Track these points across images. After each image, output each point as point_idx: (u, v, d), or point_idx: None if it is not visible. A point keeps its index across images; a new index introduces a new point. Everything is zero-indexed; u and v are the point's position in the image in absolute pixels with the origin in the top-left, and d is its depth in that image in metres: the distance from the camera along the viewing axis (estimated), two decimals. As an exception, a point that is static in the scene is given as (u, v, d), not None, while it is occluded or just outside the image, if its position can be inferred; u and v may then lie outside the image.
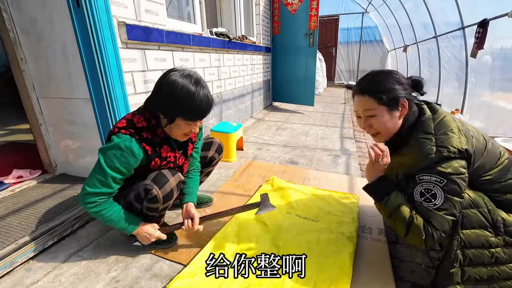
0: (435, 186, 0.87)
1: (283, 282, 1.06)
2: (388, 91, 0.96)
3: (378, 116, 0.98)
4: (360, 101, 1.01)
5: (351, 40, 8.59)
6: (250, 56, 3.95)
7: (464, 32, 3.17)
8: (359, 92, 1.02)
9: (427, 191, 0.88)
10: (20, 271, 1.14)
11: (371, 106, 0.98)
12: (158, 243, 1.27)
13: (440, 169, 0.86)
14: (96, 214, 1.04)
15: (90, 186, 1.02)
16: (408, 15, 5.29)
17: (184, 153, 1.26)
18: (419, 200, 0.90)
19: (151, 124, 1.09)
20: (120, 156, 1.01)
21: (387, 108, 0.97)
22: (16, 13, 1.61)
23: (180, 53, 2.23)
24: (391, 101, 0.96)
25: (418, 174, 0.90)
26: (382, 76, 0.99)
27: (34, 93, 1.77)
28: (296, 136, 3.21)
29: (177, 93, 1.00)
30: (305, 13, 4.21)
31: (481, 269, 0.89)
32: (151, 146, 1.08)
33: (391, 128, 1.00)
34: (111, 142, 1.02)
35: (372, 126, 1.01)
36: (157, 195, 1.10)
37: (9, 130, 3.25)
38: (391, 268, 1.14)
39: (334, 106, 5.23)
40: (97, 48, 1.44)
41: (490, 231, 0.88)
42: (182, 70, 1.05)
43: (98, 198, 1.03)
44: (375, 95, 0.97)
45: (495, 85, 2.91)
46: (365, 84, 1.01)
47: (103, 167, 1.00)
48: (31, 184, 1.79)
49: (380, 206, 1.02)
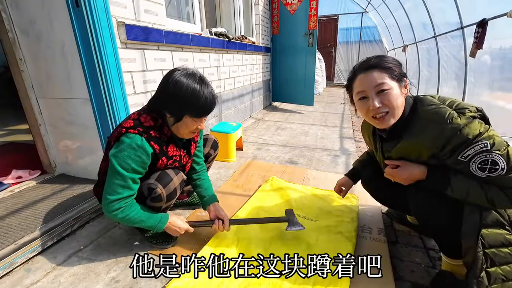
0: (487, 154, 0.79)
1: (282, 281, 1.06)
2: (397, 66, 0.95)
3: (390, 90, 0.92)
4: (370, 77, 0.93)
5: (350, 40, 8.60)
6: (250, 56, 3.95)
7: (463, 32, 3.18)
8: (368, 68, 0.95)
9: (484, 163, 0.80)
10: (19, 272, 1.14)
11: (384, 80, 0.92)
12: (157, 243, 1.27)
13: (474, 133, 0.80)
14: (124, 219, 1.05)
15: (111, 194, 1.01)
16: (407, 15, 5.29)
17: (188, 152, 1.27)
18: (484, 175, 0.81)
19: (158, 123, 1.10)
20: (134, 156, 1.01)
21: (398, 85, 0.94)
22: (15, 13, 1.61)
23: (179, 53, 2.23)
24: (401, 76, 0.94)
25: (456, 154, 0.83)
26: (387, 56, 0.98)
27: (33, 93, 1.77)
28: (296, 136, 3.21)
29: (183, 92, 1.02)
30: (304, 13, 4.21)
31: (505, 268, 0.85)
32: (158, 145, 1.09)
33: (401, 106, 0.94)
34: (121, 143, 1.02)
35: (383, 102, 0.93)
36: (161, 194, 1.11)
37: (8, 131, 3.24)
38: (391, 268, 1.14)
39: (334, 106, 5.23)
40: (96, 48, 1.44)
41: (507, 229, 0.84)
42: (185, 69, 1.06)
43: (123, 203, 1.03)
44: (387, 69, 0.93)
45: (494, 84, 2.92)
46: (376, 61, 0.95)
47: (119, 172, 1.00)
48: (30, 184, 1.79)
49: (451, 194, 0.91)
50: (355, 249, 1.25)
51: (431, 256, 1.23)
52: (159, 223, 1.13)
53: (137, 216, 1.07)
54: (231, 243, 1.28)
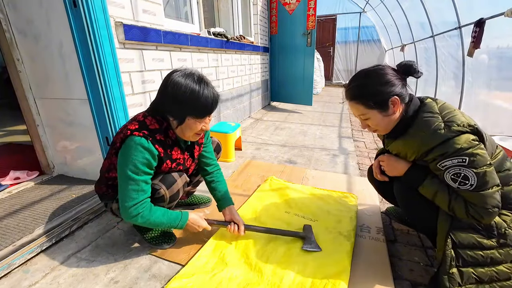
0: (461, 168, 0.84)
1: (281, 280, 1.06)
2: (374, 95, 0.96)
3: (371, 118, 1.01)
4: (352, 107, 1.04)
5: (348, 39, 8.60)
6: (248, 56, 3.95)
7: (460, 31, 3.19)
8: (348, 98, 1.04)
9: (456, 175, 0.85)
10: (18, 273, 1.14)
11: (362, 112, 1.01)
12: (157, 243, 1.27)
13: (455, 147, 0.84)
14: (146, 223, 1.06)
15: (127, 201, 1.01)
16: (405, 15, 5.30)
17: (191, 155, 1.27)
18: (455, 186, 0.87)
19: (163, 126, 1.09)
20: (142, 159, 1.02)
21: (378, 110, 0.98)
22: (12, 14, 1.60)
23: (178, 53, 2.22)
24: (379, 103, 0.97)
25: (436, 161, 0.89)
26: (367, 80, 0.99)
27: (31, 93, 1.76)
28: (295, 135, 3.22)
29: (182, 94, 1.00)
30: (303, 12, 4.22)
31: (479, 270, 0.88)
32: (163, 148, 1.09)
33: (387, 124, 1.01)
34: (128, 148, 1.02)
35: (369, 125, 1.05)
36: (164, 195, 1.12)
37: (6, 131, 3.23)
38: (390, 267, 1.14)
39: (332, 106, 5.24)
40: (94, 49, 1.44)
41: (482, 233, 0.88)
42: (184, 70, 1.05)
43: (141, 208, 1.03)
44: (363, 101, 0.99)
45: (491, 84, 2.93)
46: (352, 91, 1.02)
47: (131, 177, 1.01)
48: (28, 185, 1.78)
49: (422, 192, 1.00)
50: (354, 248, 1.25)
51: (430, 255, 1.24)
52: (180, 222, 1.14)
53: (158, 219, 1.08)
54: (230, 243, 1.27)
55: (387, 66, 1.01)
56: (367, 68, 1.03)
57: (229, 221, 1.30)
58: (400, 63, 1.01)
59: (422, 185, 0.97)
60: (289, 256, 1.20)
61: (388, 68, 0.99)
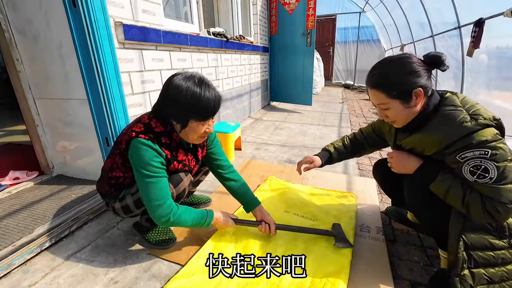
0: (482, 160, 0.81)
1: (281, 280, 1.06)
2: (398, 85, 0.92)
3: (391, 108, 0.96)
4: (372, 95, 0.99)
5: (348, 39, 8.60)
6: (248, 56, 3.95)
7: (460, 31, 3.19)
8: (370, 85, 0.99)
9: (476, 167, 0.82)
10: (17, 273, 1.14)
11: (383, 100, 0.96)
12: (156, 243, 1.27)
13: (480, 139, 0.81)
14: (176, 222, 1.06)
15: (156, 200, 1.02)
16: (405, 15, 5.31)
17: (195, 157, 1.27)
18: (472, 179, 0.84)
19: (168, 129, 1.09)
20: (156, 157, 1.03)
21: (400, 101, 0.93)
22: (12, 14, 1.60)
23: (177, 53, 2.22)
24: (402, 94, 0.92)
25: (456, 153, 0.85)
26: (392, 68, 0.94)
27: (30, 94, 1.76)
28: (294, 135, 3.22)
29: (183, 97, 1.00)
30: (302, 12, 4.22)
31: (490, 270, 0.87)
32: (169, 150, 1.09)
33: (407, 116, 0.97)
34: (138, 150, 1.02)
35: (388, 116, 0.99)
36: (172, 193, 1.12)
37: (5, 131, 3.23)
38: (390, 267, 1.14)
39: (332, 106, 5.24)
40: (94, 49, 1.44)
41: (494, 234, 0.87)
42: (184, 73, 1.05)
43: (171, 205, 1.04)
44: (385, 89, 0.94)
45: (491, 84, 2.93)
46: (374, 78, 0.97)
47: (151, 175, 1.02)
48: (28, 185, 1.78)
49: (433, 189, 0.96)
50: (354, 248, 1.25)
51: (429, 254, 1.24)
52: (207, 220, 1.16)
53: (187, 217, 1.10)
54: (229, 243, 1.28)
55: (413, 55, 0.96)
56: (391, 56, 0.98)
57: (260, 221, 1.31)
58: (428, 54, 0.94)
59: (434, 182, 0.93)
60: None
61: (414, 57, 0.94)
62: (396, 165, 1.07)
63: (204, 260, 1.16)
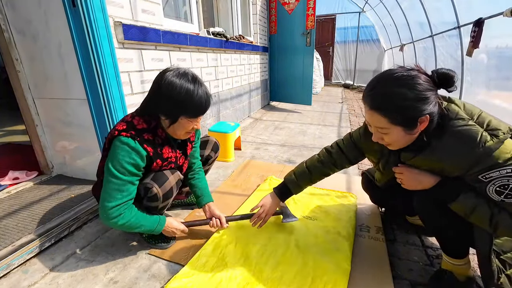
0: (510, 179, 0.74)
1: (281, 280, 1.06)
2: (404, 111, 0.79)
3: (390, 134, 0.85)
4: (371, 116, 0.86)
5: (348, 39, 8.60)
6: (248, 56, 3.95)
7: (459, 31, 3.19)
8: (369, 106, 0.85)
9: (503, 187, 0.75)
10: (17, 274, 1.13)
11: (382, 125, 0.84)
12: (156, 243, 1.27)
13: (505, 157, 0.74)
14: (124, 226, 1.04)
15: (110, 201, 1.00)
16: (404, 14, 5.31)
17: (183, 153, 1.26)
18: (498, 199, 0.78)
19: (152, 126, 1.09)
20: (129, 159, 1.01)
21: (403, 128, 0.82)
22: (11, 13, 1.60)
23: (177, 53, 2.22)
24: (407, 121, 0.80)
25: (479, 173, 0.78)
26: (398, 89, 0.79)
27: (30, 93, 1.75)
28: (294, 135, 3.22)
29: (177, 93, 1.00)
30: (302, 12, 4.22)
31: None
32: (152, 147, 1.08)
33: (406, 142, 0.87)
34: (115, 148, 1.02)
35: (384, 140, 0.89)
36: (157, 193, 1.11)
37: (4, 131, 3.22)
38: (389, 266, 1.14)
39: (332, 105, 5.24)
40: (93, 48, 1.44)
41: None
42: (177, 69, 1.05)
43: (122, 209, 1.02)
44: (387, 114, 0.81)
45: (490, 83, 2.93)
46: (375, 99, 0.83)
47: (117, 176, 1.00)
48: (27, 185, 1.78)
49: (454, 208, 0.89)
50: (353, 248, 1.25)
51: (429, 254, 1.24)
52: (158, 225, 1.13)
53: (137, 221, 1.06)
54: (229, 243, 1.27)
55: (420, 71, 0.82)
56: (396, 70, 0.82)
57: (209, 217, 1.31)
58: (438, 71, 0.81)
59: (457, 200, 0.85)
60: (289, 256, 1.20)
61: (422, 75, 0.80)
62: (408, 182, 0.97)
63: (204, 260, 1.16)
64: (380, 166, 1.15)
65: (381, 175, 1.18)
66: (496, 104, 2.87)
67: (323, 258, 1.17)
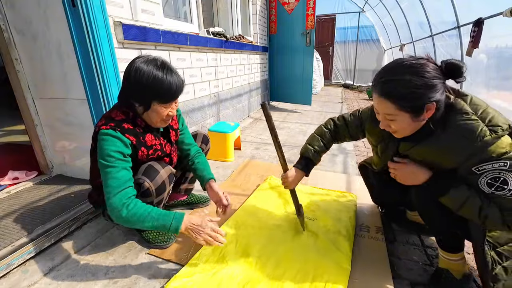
0: (501, 172, 0.77)
1: (281, 279, 1.06)
2: (412, 98, 0.81)
3: (398, 120, 0.87)
4: (379, 103, 0.88)
5: (347, 39, 8.61)
6: (247, 56, 3.95)
7: (459, 31, 3.20)
8: (378, 93, 0.87)
9: (494, 180, 0.78)
10: (16, 274, 1.13)
11: (390, 111, 0.86)
12: (155, 243, 1.27)
13: (499, 151, 0.77)
14: (131, 218, 0.97)
15: (109, 191, 0.98)
16: (404, 14, 5.32)
17: (168, 140, 1.26)
18: (489, 191, 0.81)
19: (130, 116, 1.09)
20: (114, 147, 1.01)
21: (410, 115, 0.84)
22: (11, 13, 1.60)
23: (177, 53, 2.22)
24: (415, 107, 0.83)
25: (472, 165, 0.81)
26: (408, 76, 0.80)
27: (29, 93, 1.75)
28: (294, 135, 3.22)
29: (145, 80, 1.01)
30: (302, 12, 4.22)
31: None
32: (134, 136, 1.08)
33: (412, 129, 0.90)
34: (99, 143, 1.02)
35: (391, 127, 0.91)
36: (149, 188, 1.11)
37: (4, 131, 3.22)
38: (389, 266, 1.14)
39: (331, 105, 5.24)
40: (93, 48, 1.43)
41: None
42: (146, 56, 1.06)
43: (124, 198, 0.98)
44: (396, 101, 0.83)
45: (490, 83, 2.94)
46: (384, 86, 0.85)
47: (108, 165, 1.00)
48: (27, 185, 1.78)
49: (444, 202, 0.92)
50: (353, 248, 1.25)
51: (429, 254, 1.24)
52: (173, 220, 1.00)
53: (145, 212, 0.98)
54: (230, 242, 1.27)
55: (429, 60, 0.84)
56: (405, 59, 0.85)
57: (213, 197, 1.31)
58: (447, 62, 0.84)
59: (447, 194, 0.88)
60: (290, 255, 1.20)
61: (431, 64, 0.83)
62: (403, 177, 1.00)
63: (204, 260, 1.16)
64: (378, 150, 1.17)
65: (378, 159, 1.19)
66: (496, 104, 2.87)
67: (324, 258, 1.17)
